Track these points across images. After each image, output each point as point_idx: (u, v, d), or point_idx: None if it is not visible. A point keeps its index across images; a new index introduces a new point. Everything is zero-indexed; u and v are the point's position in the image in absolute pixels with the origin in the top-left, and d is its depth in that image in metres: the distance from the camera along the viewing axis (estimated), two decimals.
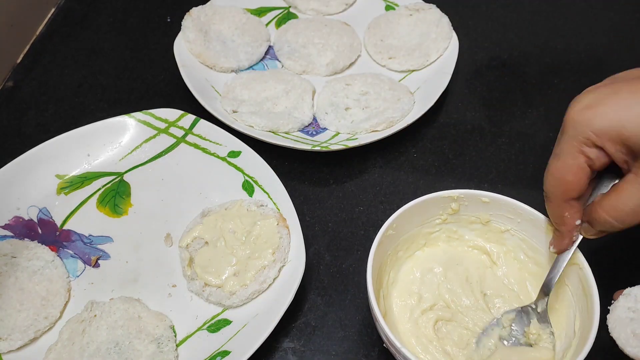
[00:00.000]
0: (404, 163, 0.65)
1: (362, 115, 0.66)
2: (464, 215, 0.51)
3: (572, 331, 0.45)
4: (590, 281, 0.44)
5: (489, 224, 0.51)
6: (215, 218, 0.56)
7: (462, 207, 0.51)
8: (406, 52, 0.72)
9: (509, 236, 0.51)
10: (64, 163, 0.60)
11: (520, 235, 0.51)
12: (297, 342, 0.52)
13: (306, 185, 0.63)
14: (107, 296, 0.53)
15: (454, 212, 0.51)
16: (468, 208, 0.51)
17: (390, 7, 0.78)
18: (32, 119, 0.68)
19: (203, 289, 0.52)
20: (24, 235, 0.56)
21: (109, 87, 0.72)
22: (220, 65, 0.70)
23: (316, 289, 0.55)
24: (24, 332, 0.49)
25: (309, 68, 0.71)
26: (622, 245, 0.57)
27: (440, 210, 0.51)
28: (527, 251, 0.51)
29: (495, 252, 0.52)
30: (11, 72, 0.74)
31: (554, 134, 0.66)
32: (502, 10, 0.82)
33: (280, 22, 0.77)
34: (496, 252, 0.52)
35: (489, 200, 0.50)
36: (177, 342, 0.50)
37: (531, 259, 0.51)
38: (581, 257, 0.46)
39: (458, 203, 0.50)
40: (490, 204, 0.50)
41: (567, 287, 0.47)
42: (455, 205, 0.50)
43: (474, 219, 0.51)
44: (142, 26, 0.80)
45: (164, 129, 0.62)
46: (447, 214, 0.51)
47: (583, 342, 0.42)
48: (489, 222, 0.51)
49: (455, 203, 0.50)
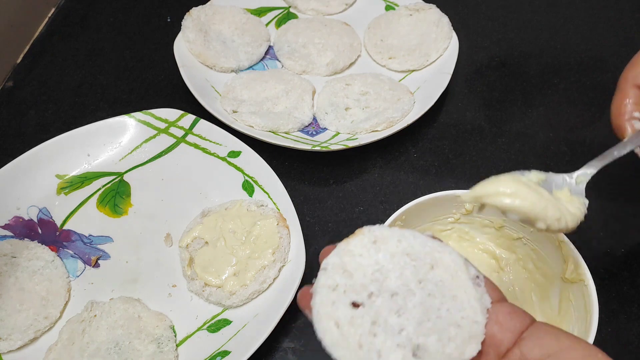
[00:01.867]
0: (404, 163, 0.65)
1: (362, 115, 0.66)
2: (478, 217, 0.51)
3: None
4: (593, 298, 0.44)
5: (501, 230, 0.51)
6: (215, 218, 0.56)
7: (476, 209, 0.50)
8: (406, 52, 0.72)
9: (520, 244, 0.51)
10: (64, 163, 0.60)
11: (531, 245, 0.50)
12: (297, 342, 0.51)
13: (306, 185, 0.63)
14: (107, 296, 0.53)
15: (467, 212, 0.51)
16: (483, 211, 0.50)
17: (390, 7, 0.78)
18: (32, 119, 0.68)
19: (203, 289, 0.52)
20: (24, 235, 0.56)
21: (109, 87, 0.72)
22: (220, 65, 0.70)
23: None
24: (24, 332, 0.49)
25: (309, 68, 0.71)
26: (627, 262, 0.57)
27: (453, 209, 0.50)
28: (537, 262, 0.50)
29: (504, 258, 0.52)
30: (11, 72, 0.74)
31: (554, 134, 0.67)
32: (502, 10, 0.82)
33: (280, 22, 0.77)
34: (505, 259, 0.52)
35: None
36: (177, 342, 0.50)
37: (539, 269, 0.50)
38: (588, 273, 0.45)
39: (472, 204, 0.50)
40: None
41: (570, 302, 0.47)
42: (469, 206, 0.50)
43: (487, 222, 0.51)
44: (142, 26, 0.80)
45: (164, 129, 0.62)
46: (461, 213, 0.51)
47: None
48: (502, 227, 0.51)
49: (470, 204, 0.50)
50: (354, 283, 0.33)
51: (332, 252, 0.34)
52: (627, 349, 0.51)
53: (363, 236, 0.34)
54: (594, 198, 0.61)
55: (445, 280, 0.33)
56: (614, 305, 0.53)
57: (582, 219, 0.41)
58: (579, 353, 0.30)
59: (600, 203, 0.61)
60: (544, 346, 0.30)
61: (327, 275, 0.33)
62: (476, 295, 0.32)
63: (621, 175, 0.63)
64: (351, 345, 0.31)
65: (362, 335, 0.31)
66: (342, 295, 0.32)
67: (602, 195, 0.61)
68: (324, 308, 0.32)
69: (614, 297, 0.53)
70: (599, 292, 0.44)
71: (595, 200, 0.61)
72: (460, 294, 0.32)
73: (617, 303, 0.53)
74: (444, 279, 0.33)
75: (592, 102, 0.70)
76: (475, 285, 0.33)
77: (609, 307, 0.52)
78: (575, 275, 0.46)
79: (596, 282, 0.44)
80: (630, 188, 0.62)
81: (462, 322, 0.31)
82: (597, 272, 0.46)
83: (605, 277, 0.54)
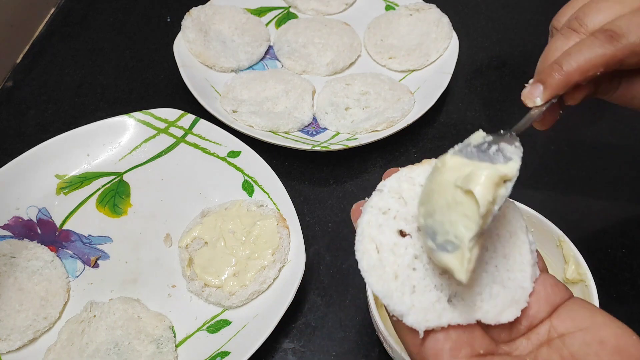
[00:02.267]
0: (404, 163, 0.64)
1: (362, 115, 0.66)
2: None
3: None
4: (593, 298, 0.44)
5: None
6: (214, 218, 0.56)
7: None
8: (406, 52, 0.72)
9: None
10: (64, 163, 0.60)
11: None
12: (297, 343, 0.51)
13: (306, 185, 0.62)
14: (106, 296, 0.52)
15: None
16: None
17: (391, 7, 0.78)
18: (32, 119, 0.68)
19: (203, 289, 0.52)
20: (23, 236, 0.56)
21: (109, 87, 0.72)
22: (220, 65, 0.70)
23: (316, 289, 0.55)
24: (23, 333, 0.49)
25: (309, 68, 0.71)
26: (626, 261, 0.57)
27: None
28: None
29: None
30: (11, 72, 0.73)
31: (554, 134, 0.67)
32: (502, 10, 0.82)
33: (280, 22, 0.77)
34: None
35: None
36: (177, 343, 0.50)
37: None
38: (589, 274, 0.45)
39: None
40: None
41: None
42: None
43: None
44: (142, 26, 0.79)
45: (164, 128, 0.62)
46: None
47: None
48: None
49: None
50: (407, 211, 0.31)
51: (393, 175, 0.32)
52: None
53: (429, 166, 0.32)
54: (595, 198, 0.61)
55: (503, 236, 0.31)
56: (615, 306, 0.53)
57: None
58: (612, 331, 0.29)
59: (601, 203, 0.61)
60: (576, 319, 0.29)
61: (381, 197, 0.31)
62: (530, 261, 0.31)
63: (622, 176, 0.62)
64: (387, 274, 0.29)
65: (400, 266, 0.29)
66: (392, 220, 0.31)
67: (603, 196, 0.61)
68: (369, 229, 0.30)
69: (614, 298, 0.53)
70: (599, 293, 0.44)
71: (597, 200, 0.61)
72: (515, 255, 0.30)
73: (617, 304, 0.53)
74: (502, 234, 0.31)
75: (593, 101, 0.70)
76: (531, 251, 0.31)
77: (610, 308, 0.52)
78: (576, 275, 0.46)
79: (597, 282, 0.44)
80: (631, 188, 0.62)
81: (509, 283, 0.30)
82: (597, 272, 0.46)
83: (606, 278, 0.54)
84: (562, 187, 0.62)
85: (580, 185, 0.62)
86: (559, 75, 0.37)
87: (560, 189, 0.62)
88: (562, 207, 0.60)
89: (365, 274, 0.30)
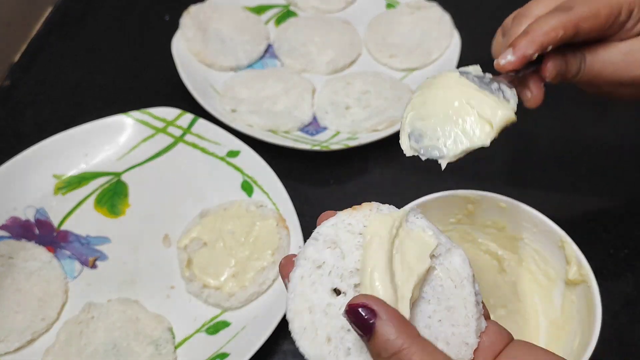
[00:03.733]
0: (405, 163, 0.64)
1: (363, 114, 0.65)
2: (480, 218, 0.50)
3: (570, 348, 0.44)
4: (596, 299, 0.43)
5: (503, 230, 0.50)
6: (214, 219, 0.55)
7: (478, 210, 0.49)
8: (407, 51, 0.71)
9: (522, 244, 0.50)
10: (62, 163, 0.59)
11: (533, 245, 0.49)
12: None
13: (306, 185, 0.62)
14: (104, 297, 0.52)
15: (469, 213, 0.50)
16: (485, 212, 0.50)
17: (391, 5, 0.77)
18: (29, 119, 0.68)
19: (202, 290, 0.52)
20: (21, 236, 0.55)
21: (107, 86, 0.72)
22: (219, 64, 0.70)
23: None
24: (21, 334, 0.49)
25: (309, 66, 0.71)
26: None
27: (455, 210, 0.50)
28: (539, 263, 0.50)
29: (506, 259, 0.52)
30: (8, 71, 0.73)
31: (555, 134, 0.67)
32: (504, 8, 0.81)
33: (280, 20, 0.77)
34: (507, 259, 0.52)
35: (506, 206, 0.48)
36: (176, 344, 0.50)
37: (542, 270, 0.50)
38: (591, 274, 0.45)
39: (474, 205, 0.49)
40: (507, 210, 0.49)
41: (573, 304, 0.46)
42: (471, 207, 0.50)
43: (489, 223, 0.50)
44: (140, 25, 0.79)
45: (162, 128, 0.62)
46: (463, 214, 0.50)
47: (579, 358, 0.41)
48: (505, 228, 0.50)
49: (472, 205, 0.49)
50: (343, 266, 0.28)
51: (330, 221, 0.30)
52: (630, 351, 0.51)
53: (370, 212, 0.30)
54: (597, 199, 0.61)
55: (447, 287, 0.29)
56: (617, 306, 0.53)
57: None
58: None
59: (603, 204, 0.60)
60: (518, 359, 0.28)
61: (316, 248, 0.29)
62: (476, 314, 0.29)
63: (624, 175, 0.62)
64: (319, 337, 0.27)
65: (334, 328, 0.27)
66: (326, 277, 0.28)
67: (605, 196, 0.61)
68: (302, 287, 0.28)
69: (617, 299, 0.53)
70: (601, 294, 0.43)
71: (599, 200, 0.61)
72: (459, 308, 0.29)
73: (620, 304, 0.53)
74: (446, 285, 0.29)
75: (594, 101, 0.69)
76: (477, 303, 0.29)
77: (612, 308, 0.52)
78: (578, 276, 0.46)
79: (599, 283, 0.44)
80: (633, 188, 0.61)
81: (453, 339, 0.28)
82: (600, 273, 0.45)
83: (609, 279, 0.54)
84: (564, 187, 0.62)
85: (582, 185, 0.62)
86: (525, 38, 0.41)
87: (562, 190, 0.62)
88: (564, 207, 0.59)
89: (297, 336, 0.28)
